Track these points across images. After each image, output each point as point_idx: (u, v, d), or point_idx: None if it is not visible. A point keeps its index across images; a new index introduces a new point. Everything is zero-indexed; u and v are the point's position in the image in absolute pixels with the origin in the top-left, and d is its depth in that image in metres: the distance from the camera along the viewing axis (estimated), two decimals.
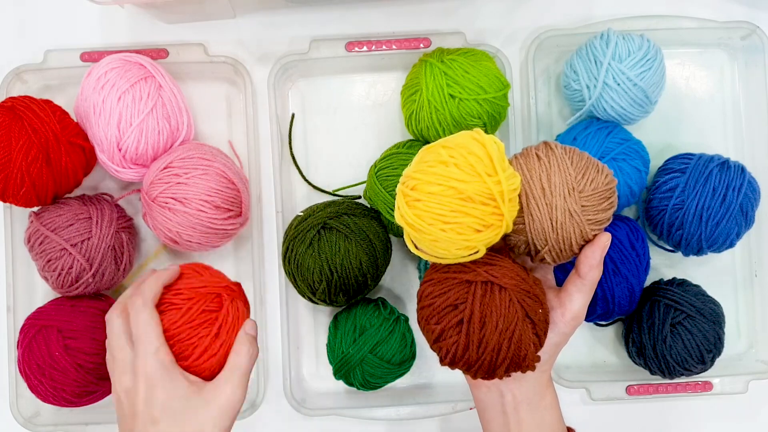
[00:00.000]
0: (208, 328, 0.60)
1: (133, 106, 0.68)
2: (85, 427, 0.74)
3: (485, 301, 0.52)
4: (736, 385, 0.76)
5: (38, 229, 0.69)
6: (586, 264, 0.56)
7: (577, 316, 0.57)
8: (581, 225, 0.54)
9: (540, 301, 0.54)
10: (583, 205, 0.54)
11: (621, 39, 0.70)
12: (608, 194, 0.55)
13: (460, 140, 0.52)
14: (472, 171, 0.50)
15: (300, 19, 0.78)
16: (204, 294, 0.61)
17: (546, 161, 0.55)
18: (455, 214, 0.50)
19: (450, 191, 0.50)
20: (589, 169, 0.55)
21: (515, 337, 0.52)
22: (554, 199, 0.53)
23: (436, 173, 0.51)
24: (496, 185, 0.50)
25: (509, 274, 0.53)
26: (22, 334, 0.70)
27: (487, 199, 0.50)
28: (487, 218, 0.50)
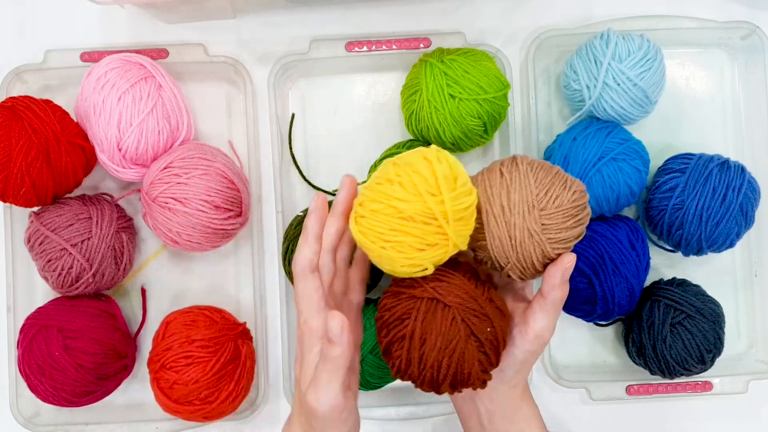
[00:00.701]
0: (231, 374, 0.68)
1: (133, 106, 0.68)
2: (85, 427, 0.74)
3: (427, 317, 0.52)
4: (736, 385, 0.76)
5: (38, 229, 0.69)
6: (548, 284, 0.54)
7: (540, 335, 0.56)
8: (542, 244, 0.53)
9: (489, 319, 0.53)
10: (544, 224, 0.53)
11: (621, 39, 0.70)
12: (574, 212, 0.54)
13: (409, 158, 0.52)
14: (414, 190, 0.50)
15: (300, 19, 0.78)
16: (224, 343, 0.68)
17: (508, 178, 0.54)
18: (395, 233, 0.50)
19: (390, 210, 0.50)
20: (555, 185, 0.53)
21: (456, 355, 0.52)
22: (513, 218, 0.53)
23: (380, 191, 0.51)
24: (438, 205, 0.50)
25: (456, 291, 0.52)
26: (22, 334, 0.70)
27: (429, 219, 0.50)
28: (429, 237, 0.50)
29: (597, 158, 0.70)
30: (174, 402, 0.67)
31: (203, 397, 0.67)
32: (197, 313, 0.70)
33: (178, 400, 0.67)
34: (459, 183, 0.51)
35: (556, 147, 0.73)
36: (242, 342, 0.70)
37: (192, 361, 0.67)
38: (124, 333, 0.72)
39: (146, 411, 0.75)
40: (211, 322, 0.69)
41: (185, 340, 0.68)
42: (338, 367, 0.53)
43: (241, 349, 0.70)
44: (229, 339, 0.69)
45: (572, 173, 0.70)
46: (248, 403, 0.74)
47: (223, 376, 0.68)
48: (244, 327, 0.72)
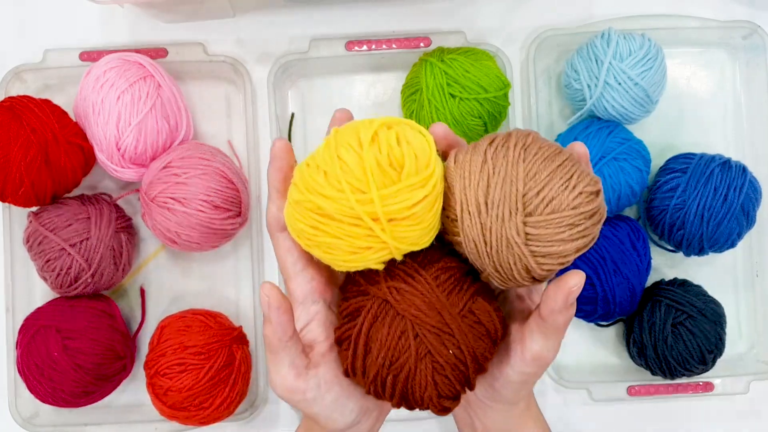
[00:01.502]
0: (225, 380, 0.68)
1: (132, 106, 0.68)
2: (84, 427, 0.74)
3: (376, 324, 0.43)
4: (738, 385, 0.76)
5: (37, 229, 0.69)
6: (548, 306, 0.44)
7: (539, 357, 0.46)
8: (523, 258, 0.41)
9: (455, 338, 0.43)
10: (529, 233, 0.40)
11: (622, 38, 0.70)
12: (575, 220, 0.41)
13: (345, 137, 0.41)
14: (337, 182, 0.40)
15: (300, 19, 0.78)
16: (218, 349, 0.68)
17: (491, 165, 0.41)
18: (316, 232, 0.41)
19: (310, 204, 0.41)
20: (553, 182, 0.41)
21: (402, 374, 0.43)
22: (489, 220, 0.41)
23: (303, 177, 0.41)
24: (366, 204, 0.39)
25: (414, 300, 0.42)
26: (21, 334, 0.69)
27: (356, 220, 0.40)
28: (359, 241, 0.40)
29: (598, 158, 0.69)
30: (169, 408, 0.68)
31: (198, 404, 0.67)
32: (192, 318, 0.70)
33: (173, 405, 0.67)
34: (407, 172, 0.40)
35: None
36: (237, 347, 0.70)
37: (185, 368, 0.67)
38: (123, 333, 0.72)
39: (145, 411, 0.75)
40: (206, 327, 0.69)
41: (179, 346, 0.68)
42: (275, 348, 0.44)
43: (235, 354, 0.69)
44: (224, 345, 0.69)
45: None
46: (248, 404, 0.74)
47: (217, 382, 0.67)
48: (239, 332, 0.71)
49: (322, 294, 0.47)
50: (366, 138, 0.40)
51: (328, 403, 0.46)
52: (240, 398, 0.70)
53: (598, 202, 0.41)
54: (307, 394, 0.45)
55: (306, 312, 0.47)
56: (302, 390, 0.45)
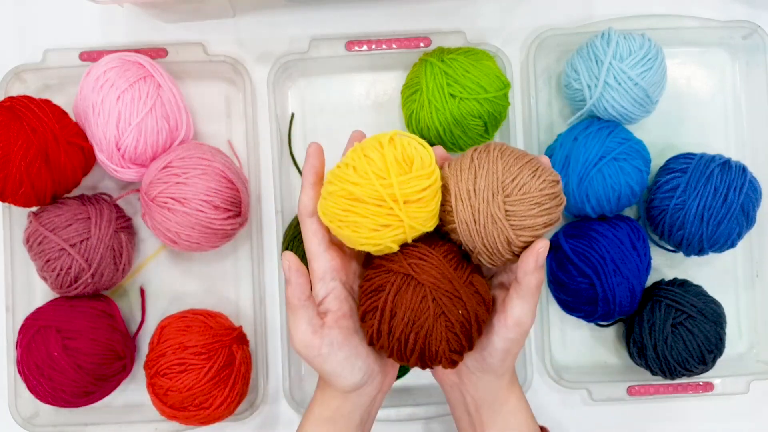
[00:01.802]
0: (225, 380, 0.68)
1: (132, 106, 0.68)
2: (84, 427, 0.74)
3: (400, 293, 0.53)
4: (738, 385, 0.76)
5: (37, 229, 0.69)
6: (521, 269, 0.54)
7: (520, 322, 0.55)
8: (505, 231, 0.53)
9: (463, 301, 0.54)
10: (508, 210, 0.53)
11: (622, 38, 0.70)
12: (542, 200, 0.53)
13: (367, 143, 0.54)
14: (364, 173, 0.52)
15: (299, 19, 0.78)
16: (218, 349, 0.68)
17: (477, 163, 0.54)
18: (347, 213, 0.52)
19: (343, 192, 0.52)
20: (523, 172, 0.53)
21: (423, 331, 0.53)
22: (478, 203, 0.53)
23: (337, 174, 0.53)
24: (387, 188, 0.51)
25: (431, 271, 0.53)
26: (21, 334, 0.69)
27: (379, 201, 0.52)
28: (381, 219, 0.52)
29: (598, 158, 0.69)
30: (169, 408, 0.68)
31: (198, 404, 0.67)
32: (192, 318, 0.70)
33: (173, 405, 0.67)
34: (416, 166, 0.52)
35: (557, 147, 0.73)
36: (237, 347, 0.70)
37: (185, 368, 0.67)
38: (123, 333, 0.72)
39: (145, 411, 0.75)
40: (206, 327, 0.69)
41: (179, 346, 0.68)
42: (295, 307, 0.54)
43: (235, 354, 0.69)
44: (224, 345, 0.69)
45: (573, 173, 0.70)
46: (248, 404, 0.74)
47: (217, 382, 0.68)
48: (239, 332, 0.71)
49: (339, 273, 0.56)
50: (385, 141, 0.53)
51: (340, 360, 0.55)
52: (240, 398, 0.70)
53: (558, 188, 0.54)
54: (322, 349, 0.54)
55: (325, 287, 0.56)
56: (317, 346, 0.54)
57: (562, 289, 0.72)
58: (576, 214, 0.73)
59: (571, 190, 0.70)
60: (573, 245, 0.71)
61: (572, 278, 0.70)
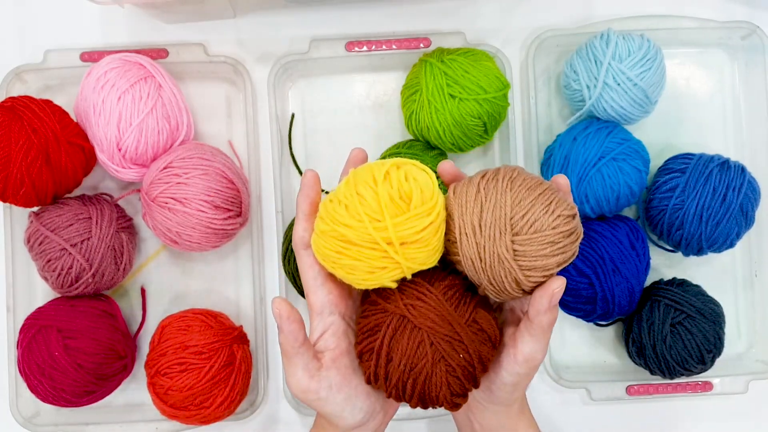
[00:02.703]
0: (226, 380, 0.68)
1: (132, 106, 0.68)
2: (84, 427, 0.74)
3: (396, 336, 0.50)
4: (736, 385, 0.76)
5: (38, 229, 0.69)
6: (534, 308, 0.50)
7: (529, 359, 0.52)
8: (513, 272, 0.48)
9: (464, 345, 0.50)
10: (517, 250, 0.48)
11: (621, 39, 0.70)
12: (555, 239, 0.48)
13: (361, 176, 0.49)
14: (357, 215, 0.48)
15: (300, 19, 0.78)
16: (218, 349, 0.68)
17: (483, 193, 0.49)
18: (340, 256, 0.49)
19: (334, 233, 0.49)
20: (535, 207, 0.48)
21: (421, 377, 0.50)
22: (483, 240, 0.48)
23: (328, 211, 0.49)
24: (380, 231, 0.47)
25: (428, 313, 0.50)
26: (22, 334, 0.70)
27: (374, 245, 0.48)
28: (376, 262, 0.48)
29: (597, 158, 0.70)
30: (170, 407, 0.68)
31: (198, 403, 0.67)
32: (192, 318, 0.70)
33: (173, 405, 0.68)
34: (414, 203, 0.48)
35: (556, 147, 0.73)
36: (237, 347, 0.70)
37: (186, 368, 0.67)
38: (123, 333, 0.72)
39: (146, 411, 0.75)
40: (206, 327, 0.69)
41: (179, 346, 0.68)
42: (289, 354, 0.51)
43: (236, 354, 0.70)
44: (224, 344, 0.69)
45: (572, 173, 0.70)
46: (248, 404, 0.74)
47: (217, 382, 0.68)
48: (239, 331, 0.71)
49: (338, 306, 0.54)
50: (379, 177, 0.48)
51: (339, 402, 0.52)
52: (240, 398, 0.70)
53: (574, 224, 0.49)
54: (320, 393, 0.52)
55: (323, 322, 0.53)
56: (315, 390, 0.52)
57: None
58: None
59: (571, 190, 0.71)
60: None
61: (571, 278, 0.70)
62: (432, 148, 0.73)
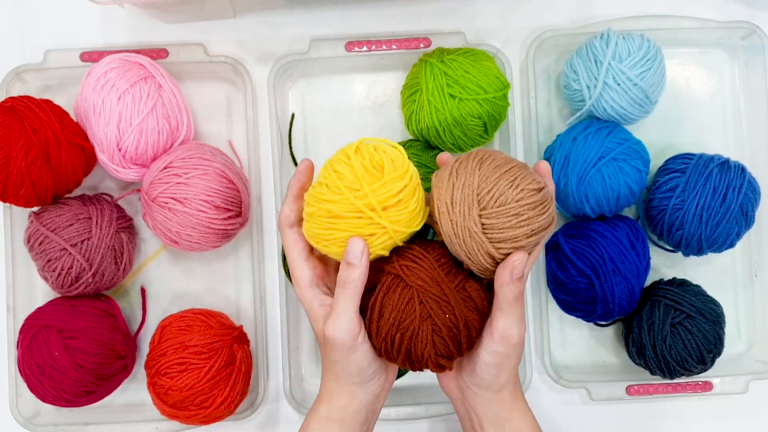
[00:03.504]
0: (226, 379, 0.68)
1: (132, 106, 0.68)
2: (84, 427, 0.74)
3: (388, 293, 0.54)
4: (736, 385, 0.76)
5: (38, 229, 0.69)
6: (497, 281, 0.53)
7: (505, 335, 0.54)
8: (484, 245, 0.52)
9: (451, 306, 0.53)
10: (485, 224, 0.52)
11: (621, 39, 0.70)
12: (520, 210, 0.52)
13: (335, 157, 0.54)
14: (336, 188, 0.52)
15: (300, 19, 0.78)
16: (218, 349, 0.69)
17: (455, 174, 0.53)
18: (330, 231, 0.53)
19: (321, 211, 0.53)
20: (500, 182, 0.52)
21: (408, 333, 0.53)
22: (455, 216, 0.52)
23: (312, 194, 0.54)
24: (361, 199, 0.52)
25: (420, 273, 0.53)
26: (22, 334, 0.70)
27: (358, 213, 0.52)
28: (364, 229, 0.53)
29: (597, 158, 0.70)
30: (170, 407, 0.68)
31: (198, 403, 0.68)
32: (192, 318, 0.70)
33: (173, 405, 0.68)
34: (387, 170, 0.52)
35: (556, 147, 0.73)
36: (238, 347, 0.70)
37: (186, 367, 0.67)
38: (123, 333, 0.72)
39: (146, 411, 0.75)
40: (206, 327, 0.69)
41: (179, 346, 0.68)
42: (356, 292, 0.54)
43: (236, 354, 0.70)
44: (224, 344, 0.69)
45: (572, 173, 0.70)
46: (248, 404, 0.74)
47: (218, 382, 0.68)
48: (239, 331, 0.71)
49: (322, 279, 0.58)
50: (351, 152, 0.53)
51: (366, 350, 0.55)
52: (240, 398, 0.70)
53: (539, 196, 0.52)
54: (359, 337, 0.55)
55: (311, 292, 0.57)
56: (359, 332, 0.54)
57: (562, 289, 0.72)
58: (575, 214, 0.73)
59: (570, 191, 0.71)
60: (572, 245, 0.71)
61: (571, 278, 0.70)
62: (432, 148, 0.73)
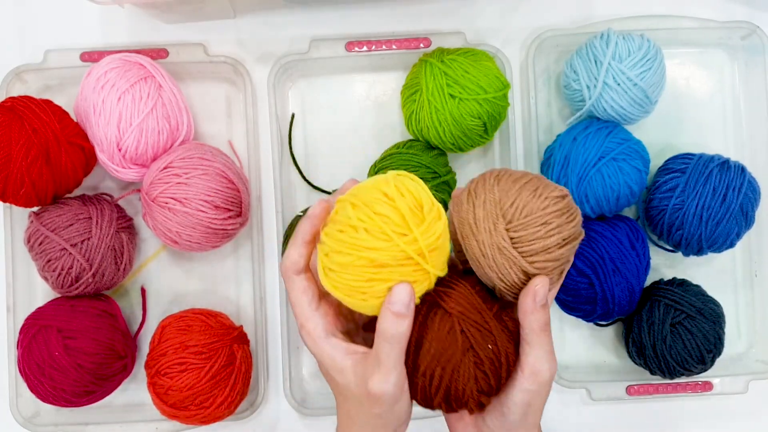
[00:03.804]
0: (226, 379, 0.68)
1: (133, 106, 0.68)
2: (84, 427, 0.74)
3: (426, 322, 0.49)
4: (736, 385, 0.76)
5: (38, 229, 0.69)
6: (521, 310, 0.49)
7: (535, 371, 0.49)
8: (516, 259, 0.49)
9: (493, 336, 0.49)
10: (513, 237, 0.49)
11: (621, 39, 0.70)
12: (547, 219, 0.49)
13: (368, 196, 0.47)
14: (382, 234, 0.46)
15: (300, 19, 0.78)
16: (218, 349, 0.68)
17: (474, 194, 0.50)
18: (371, 283, 0.47)
19: (361, 261, 0.46)
20: (522, 194, 0.49)
21: (450, 366, 0.48)
22: (481, 235, 0.49)
23: (345, 241, 0.47)
24: (412, 244, 0.46)
25: (461, 301, 0.49)
26: (22, 334, 0.70)
27: (404, 260, 0.46)
28: (408, 277, 0.47)
29: (597, 158, 0.70)
30: (170, 407, 0.68)
31: (198, 403, 0.67)
32: (192, 318, 0.70)
33: (173, 405, 0.68)
34: (426, 210, 0.47)
35: (556, 147, 0.73)
36: (238, 347, 0.70)
37: (186, 367, 0.67)
38: (124, 333, 0.72)
39: (146, 411, 0.75)
40: (206, 327, 0.69)
41: (179, 346, 0.68)
42: (405, 344, 0.48)
43: (236, 354, 0.70)
44: (224, 344, 0.69)
45: (572, 173, 0.70)
46: (248, 404, 0.74)
47: (218, 382, 0.68)
48: (240, 331, 0.71)
49: (335, 325, 0.52)
50: (391, 191, 0.47)
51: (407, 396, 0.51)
52: (241, 398, 0.70)
53: (564, 203, 0.50)
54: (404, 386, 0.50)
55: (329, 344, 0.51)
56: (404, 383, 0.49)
57: (561, 289, 0.72)
58: None
59: (570, 191, 0.71)
60: None
61: (571, 278, 0.70)
62: (432, 148, 0.73)
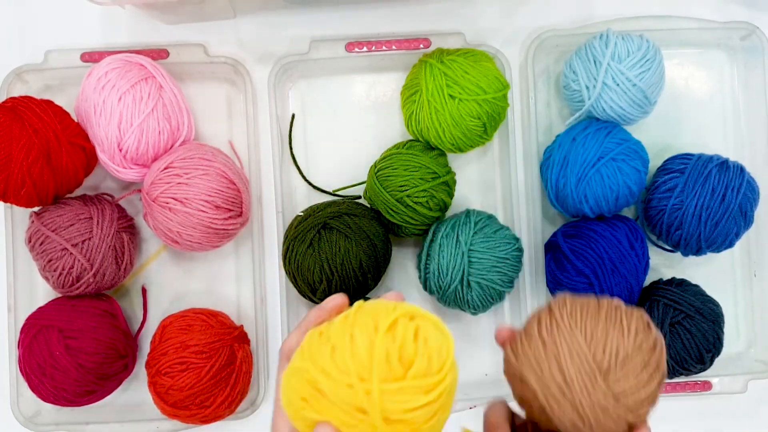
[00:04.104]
0: (226, 379, 0.69)
1: (133, 107, 0.68)
2: (85, 426, 0.74)
3: None
4: (735, 384, 0.76)
5: (39, 229, 0.69)
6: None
7: None
8: (622, 415, 0.42)
9: None
10: (617, 392, 0.42)
11: (620, 39, 0.70)
12: (646, 358, 0.42)
13: (361, 318, 0.39)
14: (341, 364, 0.38)
15: (300, 20, 0.78)
16: (219, 349, 0.68)
17: (552, 344, 0.43)
18: (304, 405, 0.40)
19: (307, 375, 0.39)
20: (610, 334, 0.42)
21: None
22: (576, 396, 0.42)
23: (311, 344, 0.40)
24: (361, 395, 0.37)
25: None
26: (23, 334, 0.70)
27: (347, 406, 0.38)
28: (345, 428, 0.38)
29: (596, 158, 0.70)
30: (171, 406, 0.68)
31: (199, 402, 0.68)
32: (193, 318, 0.70)
33: (174, 404, 0.68)
34: (414, 372, 0.38)
35: (556, 147, 0.73)
36: (238, 346, 0.70)
37: (187, 367, 0.67)
38: (124, 333, 0.72)
39: (146, 410, 0.75)
40: (207, 326, 0.70)
41: (180, 345, 0.68)
42: None
43: (236, 353, 0.70)
44: (225, 344, 0.69)
45: (571, 174, 0.70)
46: (249, 403, 0.75)
47: (218, 381, 0.68)
48: (240, 331, 0.72)
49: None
50: (383, 324, 0.38)
51: None
52: (241, 397, 0.71)
53: (653, 331, 0.44)
54: None
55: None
56: None
57: (561, 289, 0.72)
58: (574, 214, 0.74)
59: (570, 191, 0.71)
60: (571, 245, 0.71)
61: (570, 278, 0.71)
62: (432, 148, 0.73)
